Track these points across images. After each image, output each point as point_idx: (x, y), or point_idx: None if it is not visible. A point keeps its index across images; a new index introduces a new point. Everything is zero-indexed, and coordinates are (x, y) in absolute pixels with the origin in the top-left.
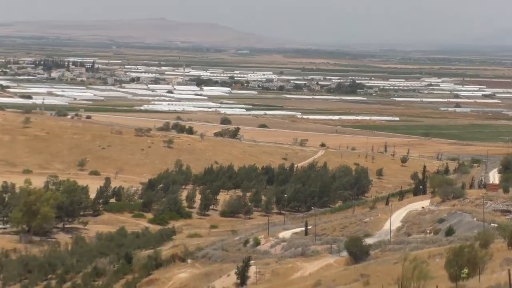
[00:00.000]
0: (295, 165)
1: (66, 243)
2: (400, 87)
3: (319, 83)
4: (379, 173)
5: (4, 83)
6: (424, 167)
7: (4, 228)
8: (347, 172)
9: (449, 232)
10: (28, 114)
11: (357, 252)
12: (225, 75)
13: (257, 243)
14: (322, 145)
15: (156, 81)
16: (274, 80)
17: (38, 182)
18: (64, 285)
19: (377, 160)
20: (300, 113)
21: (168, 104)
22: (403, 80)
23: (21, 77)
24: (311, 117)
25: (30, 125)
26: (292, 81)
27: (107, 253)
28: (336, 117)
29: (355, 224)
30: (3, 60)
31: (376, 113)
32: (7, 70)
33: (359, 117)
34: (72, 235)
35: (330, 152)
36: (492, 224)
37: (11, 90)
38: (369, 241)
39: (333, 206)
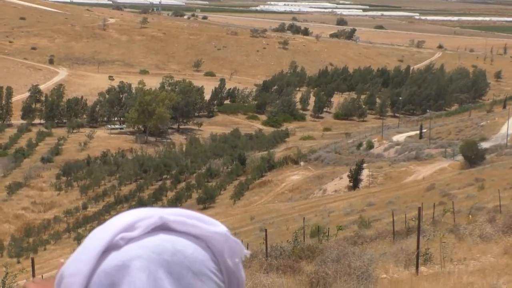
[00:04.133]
0: (411, 67)
1: (180, 143)
2: None
3: None
4: (498, 75)
5: None
6: None
7: (121, 128)
8: (464, 75)
9: None
10: (145, 14)
11: (472, 156)
12: None
13: (370, 146)
14: (440, 46)
15: None
16: None
17: (154, 82)
18: (178, 185)
19: (496, 62)
20: (417, 14)
21: (284, 5)
22: None
23: None
24: (429, 18)
25: (147, 25)
26: None
27: (221, 154)
28: (455, 18)
29: (471, 128)
30: None
31: (496, 14)
32: None
33: (479, 18)
34: (187, 136)
35: (447, 54)
36: None
37: None
38: (485, 145)
39: (449, 109)
